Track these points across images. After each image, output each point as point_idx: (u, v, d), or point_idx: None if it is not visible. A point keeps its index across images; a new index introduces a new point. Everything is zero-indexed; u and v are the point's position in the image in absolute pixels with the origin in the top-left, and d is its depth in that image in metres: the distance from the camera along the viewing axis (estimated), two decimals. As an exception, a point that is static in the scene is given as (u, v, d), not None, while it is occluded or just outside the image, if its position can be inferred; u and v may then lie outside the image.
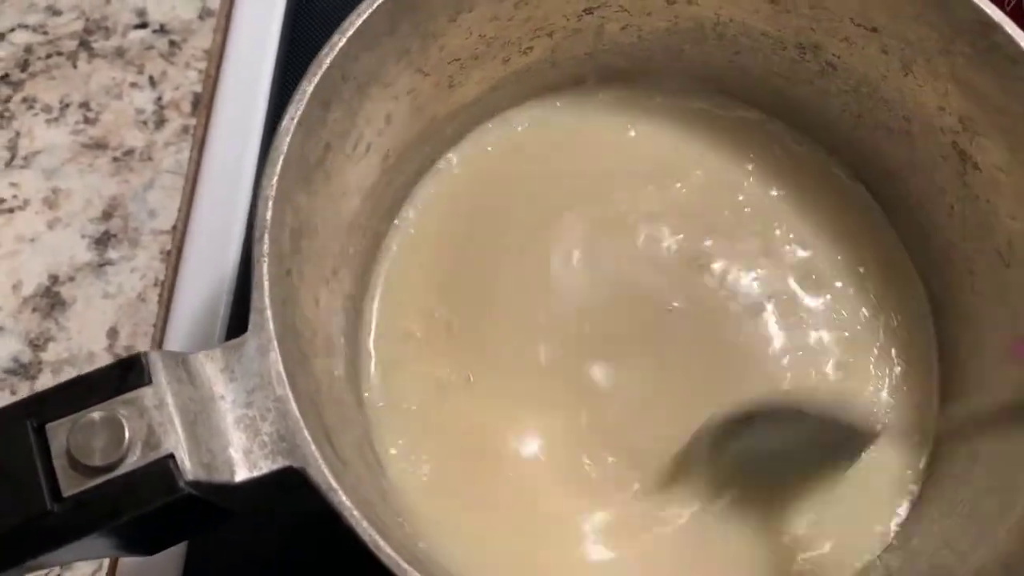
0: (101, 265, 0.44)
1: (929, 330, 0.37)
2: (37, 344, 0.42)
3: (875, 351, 0.37)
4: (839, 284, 0.37)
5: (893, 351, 0.37)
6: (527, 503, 0.34)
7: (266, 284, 0.27)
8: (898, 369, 0.37)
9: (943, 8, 0.31)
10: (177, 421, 0.24)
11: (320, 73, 0.29)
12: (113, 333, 0.43)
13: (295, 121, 0.29)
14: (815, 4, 0.34)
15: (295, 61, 0.47)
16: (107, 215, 0.45)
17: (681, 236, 0.38)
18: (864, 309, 0.37)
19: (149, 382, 0.24)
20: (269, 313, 0.26)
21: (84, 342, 0.43)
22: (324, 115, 0.30)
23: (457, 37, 0.35)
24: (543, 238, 0.38)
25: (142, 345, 0.42)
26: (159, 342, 0.42)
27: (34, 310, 0.43)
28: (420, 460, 0.35)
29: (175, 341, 0.41)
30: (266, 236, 0.27)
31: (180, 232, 0.44)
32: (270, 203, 0.28)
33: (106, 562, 0.39)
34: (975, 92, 0.32)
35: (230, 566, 0.38)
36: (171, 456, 0.24)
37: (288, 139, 0.29)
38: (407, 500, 0.34)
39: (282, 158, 0.28)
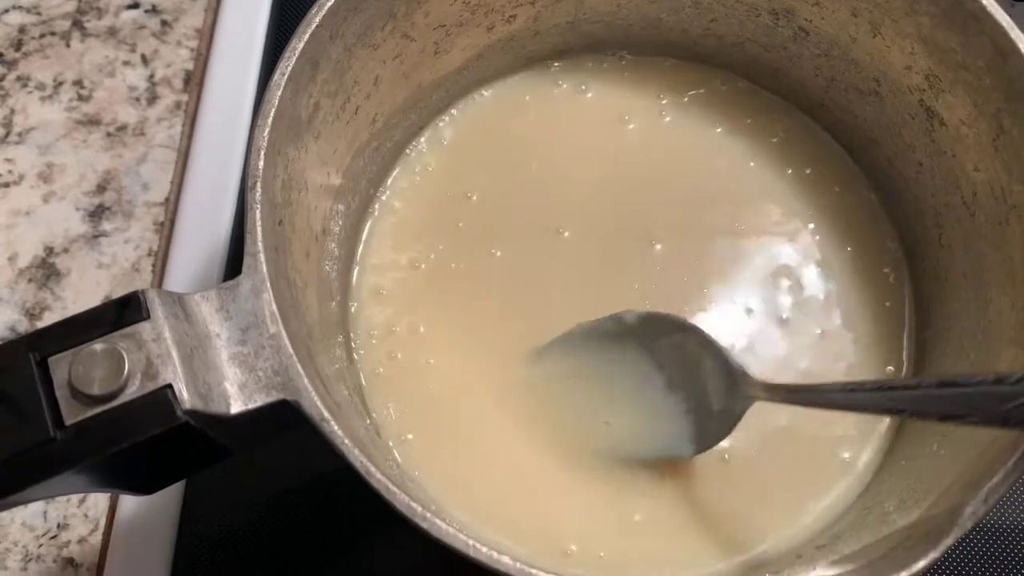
0: (95, 236, 0.45)
1: (903, 285, 0.38)
2: (33, 313, 0.43)
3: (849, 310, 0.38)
4: (815, 238, 0.39)
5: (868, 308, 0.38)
6: (511, 449, 0.35)
7: (259, 229, 0.28)
8: (870, 327, 0.38)
9: (908, -32, 0.33)
10: (175, 354, 0.25)
11: (310, 31, 0.31)
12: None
13: (285, 76, 0.30)
14: (787, -31, 0.36)
15: (284, 39, 0.48)
16: (101, 188, 0.46)
17: (662, 196, 0.39)
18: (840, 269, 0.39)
19: (147, 317, 0.25)
20: (263, 256, 0.27)
21: (79, 311, 0.43)
22: (314, 73, 0.32)
23: (442, 3, 0.36)
24: (527, 203, 0.39)
25: (136, 313, 0.43)
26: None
27: (30, 281, 0.44)
28: (405, 412, 0.36)
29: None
30: (259, 184, 0.28)
31: (173, 204, 0.45)
32: (262, 153, 0.29)
33: (102, 520, 0.39)
34: (939, 50, 0.34)
35: (223, 520, 0.39)
36: (169, 386, 0.25)
37: (279, 93, 0.30)
38: (395, 449, 0.35)
39: (273, 111, 0.29)
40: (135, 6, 0.50)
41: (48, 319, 0.43)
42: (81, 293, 0.44)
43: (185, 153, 0.46)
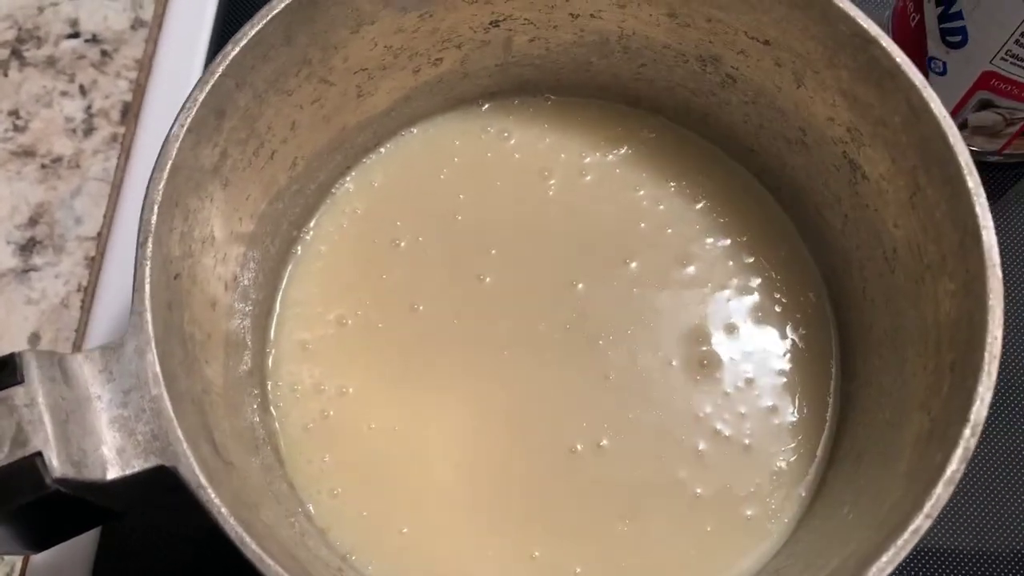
0: (25, 271, 0.44)
1: (830, 337, 0.38)
2: (-41, 349, 0.43)
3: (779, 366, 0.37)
4: (749, 283, 0.38)
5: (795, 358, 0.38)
6: (428, 500, 0.35)
7: (147, 287, 0.27)
8: (792, 379, 0.37)
9: (826, 23, 0.32)
10: (47, 419, 0.25)
11: (212, 81, 0.30)
12: (35, 338, 0.43)
13: (184, 128, 0.29)
14: (711, 17, 0.35)
15: (225, 71, 0.48)
16: (33, 222, 0.45)
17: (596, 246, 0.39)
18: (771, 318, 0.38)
19: (21, 381, 0.25)
20: (149, 316, 0.27)
21: (5, 347, 0.43)
22: (219, 123, 0.31)
23: (361, 48, 0.35)
24: (451, 252, 0.39)
25: (63, 349, 0.43)
26: (79, 347, 0.42)
27: (-43, 315, 0.43)
28: (322, 459, 0.35)
29: (95, 346, 0.42)
30: (149, 240, 0.28)
31: (104, 239, 0.45)
32: (155, 208, 0.28)
33: (18, 563, 0.39)
34: (859, 104, 0.33)
35: (143, 559, 0.38)
36: (39, 454, 0.24)
37: (177, 145, 0.29)
38: (309, 501, 0.35)
39: (170, 163, 0.29)
40: (75, 35, 0.49)
41: (-27, 355, 0.43)
42: (8, 329, 0.43)
43: (119, 187, 0.46)
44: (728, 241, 0.39)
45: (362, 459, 0.36)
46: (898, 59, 0.31)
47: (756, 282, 0.38)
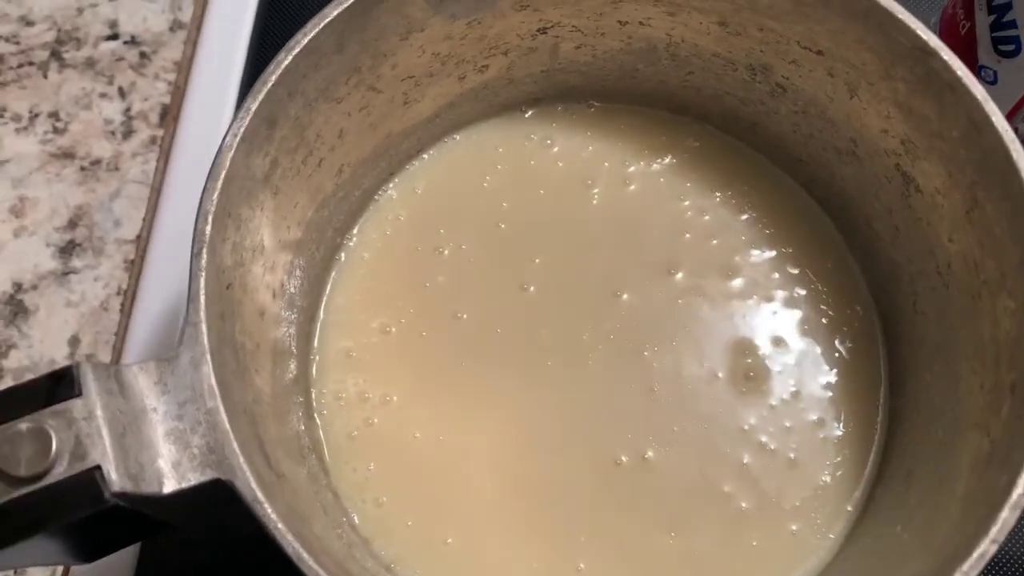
0: (65, 274, 0.44)
1: (878, 351, 0.38)
2: (-1, 351, 0.43)
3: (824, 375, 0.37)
4: (795, 294, 0.38)
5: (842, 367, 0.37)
6: (473, 510, 0.35)
7: (202, 298, 0.27)
8: (838, 393, 0.37)
9: (883, 34, 0.32)
10: (105, 433, 0.24)
11: (264, 91, 0.30)
12: (75, 341, 0.43)
13: (238, 138, 0.29)
14: (763, 26, 0.35)
15: (263, 74, 0.47)
16: (73, 224, 0.45)
17: (633, 255, 0.39)
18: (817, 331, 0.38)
19: (79, 394, 0.25)
20: (204, 327, 0.27)
21: (46, 350, 0.43)
22: (270, 132, 0.31)
23: (409, 55, 0.35)
24: (494, 259, 0.38)
25: (103, 353, 0.43)
26: (119, 351, 0.42)
27: (-3, 317, 0.43)
28: (367, 468, 0.35)
29: (135, 350, 0.42)
30: (204, 251, 0.28)
31: (144, 242, 0.45)
32: (210, 218, 0.28)
33: (59, 567, 0.39)
34: (915, 117, 0.33)
35: (185, 560, 0.38)
36: (97, 467, 0.24)
37: (231, 155, 0.29)
38: (354, 510, 0.35)
39: (224, 174, 0.29)
40: (114, 37, 0.49)
41: (14, 358, 0.43)
42: (48, 332, 0.43)
43: (158, 190, 0.45)
44: (774, 252, 0.39)
45: (407, 468, 0.36)
46: (959, 72, 0.30)
47: (802, 294, 0.38)
